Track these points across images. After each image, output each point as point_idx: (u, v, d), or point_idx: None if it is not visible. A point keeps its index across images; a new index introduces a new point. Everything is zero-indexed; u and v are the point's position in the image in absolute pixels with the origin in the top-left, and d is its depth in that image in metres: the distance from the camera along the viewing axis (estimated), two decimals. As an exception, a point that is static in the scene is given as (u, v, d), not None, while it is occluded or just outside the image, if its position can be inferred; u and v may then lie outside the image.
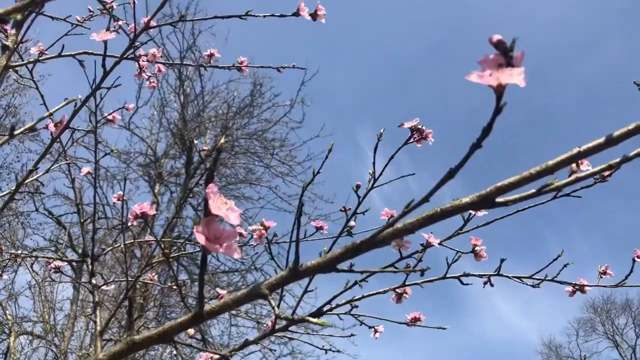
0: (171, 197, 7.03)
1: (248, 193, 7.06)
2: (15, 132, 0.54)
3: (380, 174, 1.26)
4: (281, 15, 0.87)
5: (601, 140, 0.42)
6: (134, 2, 1.15)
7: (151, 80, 1.82)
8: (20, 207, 6.35)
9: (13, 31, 1.12)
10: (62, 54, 1.14)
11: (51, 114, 0.75)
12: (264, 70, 7.23)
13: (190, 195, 6.56)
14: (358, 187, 1.27)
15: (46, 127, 1.14)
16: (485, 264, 1.31)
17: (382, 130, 1.29)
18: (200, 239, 0.37)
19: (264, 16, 0.92)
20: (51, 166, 0.90)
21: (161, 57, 1.39)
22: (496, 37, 0.39)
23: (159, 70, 1.81)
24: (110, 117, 1.78)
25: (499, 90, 0.37)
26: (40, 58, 1.15)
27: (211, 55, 1.44)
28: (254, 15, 0.87)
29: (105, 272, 6.38)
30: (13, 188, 0.90)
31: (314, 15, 0.94)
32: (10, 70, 1.34)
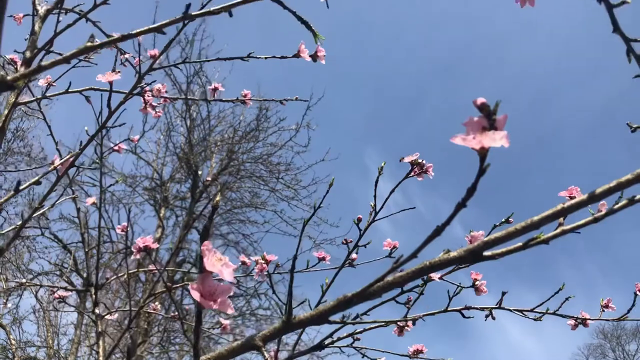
0: (176, 221, 7.06)
1: (253, 217, 7.07)
2: (21, 188, 0.56)
3: (382, 207, 1.28)
4: (282, 57, 0.90)
5: (584, 197, 0.43)
6: (139, 76, 1.18)
7: (157, 110, 1.85)
8: (26, 232, 6.38)
9: (22, 68, 1.15)
10: (69, 90, 1.17)
11: (55, 168, 0.77)
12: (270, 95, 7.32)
13: (195, 219, 6.58)
14: (359, 220, 1.28)
15: (52, 164, 1.16)
16: (493, 291, 1.32)
17: (382, 164, 1.31)
18: (196, 295, 0.38)
19: (265, 58, 0.95)
20: (56, 201, 0.92)
21: (166, 92, 1.42)
22: (480, 100, 0.41)
23: (165, 101, 1.85)
24: (116, 148, 1.81)
25: (482, 153, 0.39)
26: (47, 95, 1.18)
27: (215, 89, 1.47)
28: (256, 57, 0.89)
29: (109, 296, 6.38)
30: (19, 224, 0.92)
31: (314, 57, 0.96)
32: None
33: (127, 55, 1.75)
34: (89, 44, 0.44)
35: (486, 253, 0.44)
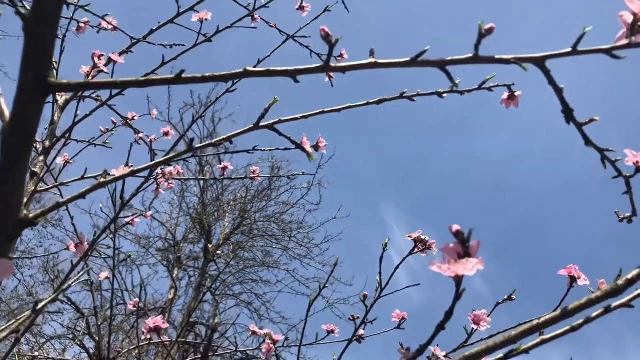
0: (189, 281, 7.05)
1: (266, 276, 7.05)
2: (38, 307, 0.60)
3: (387, 283, 1.30)
4: (286, 149, 0.95)
5: (557, 313, 0.46)
6: (152, 153, 1.25)
7: (170, 183, 1.91)
8: (40, 294, 6.41)
9: (41, 157, 1.22)
10: (85, 176, 1.23)
11: (62, 291, 0.81)
12: (281, 154, 7.45)
13: (209, 280, 6.58)
14: (365, 297, 1.31)
15: (67, 249, 1.21)
16: None
17: (387, 240, 1.34)
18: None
19: (270, 150, 1.00)
20: (69, 286, 0.96)
21: (177, 173, 1.48)
22: (455, 227, 0.45)
23: (178, 172, 1.91)
24: (129, 221, 1.87)
25: (457, 280, 0.42)
26: (64, 182, 1.24)
27: (225, 168, 1.53)
28: (261, 150, 0.94)
29: (121, 360, 6.30)
30: (31, 313, 0.96)
31: (316, 147, 1.02)
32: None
33: (141, 135, 1.84)
34: (102, 179, 0.49)
35: (468, 366, 0.47)
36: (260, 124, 0.56)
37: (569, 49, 0.48)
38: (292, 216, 7.18)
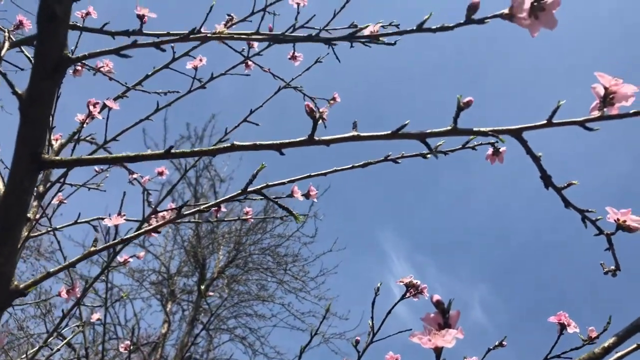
0: (183, 315, 6.97)
1: (261, 310, 6.99)
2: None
3: (379, 328, 1.30)
4: (276, 199, 0.96)
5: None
6: (146, 193, 1.26)
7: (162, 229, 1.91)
8: (32, 329, 6.32)
9: (35, 203, 1.23)
10: (78, 221, 1.24)
11: (54, 350, 0.82)
12: (275, 188, 7.46)
13: (202, 314, 6.51)
14: (357, 342, 1.30)
15: (59, 295, 1.21)
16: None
17: (379, 284, 1.35)
18: None
19: (261, 199, 1.01)
20: (60, 331, 0.96)
21: (170, 215, 1.49)
22: (435, 297, 0.46)
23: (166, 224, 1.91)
24: (122, 260, 1.87)
25: (437, 351, 0.44)
26: (57, 227, 1.25)
27: (218, 210, 1.54)
28: (252, 199, 0.96)
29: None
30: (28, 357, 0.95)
31: (307, 195, 1.03)
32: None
33: (135, 175, 1.85)
34: (92, 248, 0.51)
35: None
36: (248, 189, 0.57)
37: (544, 121, 0.51)
38: (287, 249, 7.16)
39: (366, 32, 1.21)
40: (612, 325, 1.08)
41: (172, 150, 0.45)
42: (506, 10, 0.43)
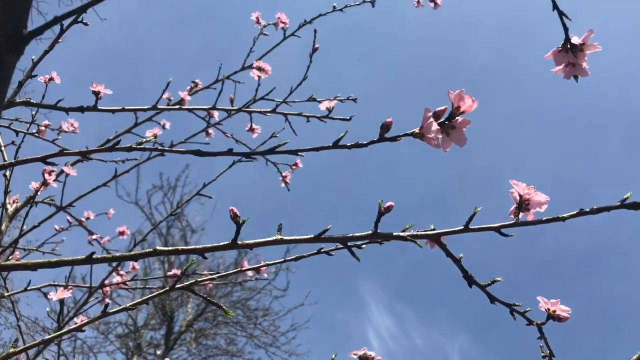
0: (149, 370, 6.75)
1: (229, 366, 6.80)
2: None
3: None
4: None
5: None
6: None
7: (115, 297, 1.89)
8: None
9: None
10: (28, 288, 1.22)
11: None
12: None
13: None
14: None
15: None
16: None
17: (334, 356, 1.33)
18: None
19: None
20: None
21: (131, 278, 1.48)
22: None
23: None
24: (76, 327, 1.82)
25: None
26: (6, 294, 1.23)
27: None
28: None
29: None
30: None
31: (257, 270, 1.04)
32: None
33: (95, 236, 1.84)
34: (12, 350, 0.50)
35: None
36: (177, 286, 0.58)
37: (462, 227, 0.53)
38: (258, 302, 7.05)
39: (322, 106, 1.25)
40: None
41: (94, 257, 0.46)
42: (417, 130, 0.46)
